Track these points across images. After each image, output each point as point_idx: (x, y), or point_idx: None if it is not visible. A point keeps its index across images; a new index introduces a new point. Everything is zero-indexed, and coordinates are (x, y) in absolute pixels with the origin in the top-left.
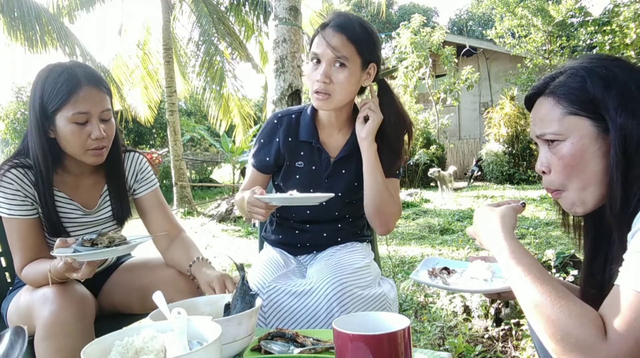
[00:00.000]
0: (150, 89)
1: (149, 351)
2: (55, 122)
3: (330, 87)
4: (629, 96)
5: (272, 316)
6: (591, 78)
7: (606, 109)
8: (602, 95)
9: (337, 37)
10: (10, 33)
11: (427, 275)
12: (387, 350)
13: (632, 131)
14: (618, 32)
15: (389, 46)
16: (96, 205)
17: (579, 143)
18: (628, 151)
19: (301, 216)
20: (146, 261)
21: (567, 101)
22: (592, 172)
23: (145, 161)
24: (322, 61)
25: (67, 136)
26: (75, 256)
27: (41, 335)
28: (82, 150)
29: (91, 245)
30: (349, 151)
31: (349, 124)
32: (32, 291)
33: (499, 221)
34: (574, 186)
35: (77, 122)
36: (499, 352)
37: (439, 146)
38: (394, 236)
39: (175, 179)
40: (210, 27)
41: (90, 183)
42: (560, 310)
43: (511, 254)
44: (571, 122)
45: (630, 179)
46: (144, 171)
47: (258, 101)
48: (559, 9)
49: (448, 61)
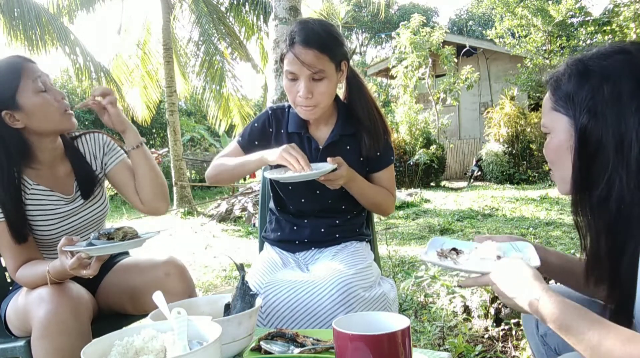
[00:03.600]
0: (149, 89)
1: (149, 351)
2: (19, 104)
3: (314, 100)
4: (600, 97)
5: (271, 314)
6: (569, 75)
7: (573, 108)
8: (573, 93)
9: (309, 53)
10: (10, 33)
11: (436, 255)
12: (387, 350)
13: (591, 132)
14: (618, 32)
15: (389, 46)
16: (73, 192)
17: (557, 138)
18: (588, 153)
19: (297, 206)
20: (136, 263)
21: (553, 96)
22: (568, 167)
23: (104, 136)
24: (299, 78)
25: (40, 107)
26: (92, 250)
27: (38, 335)
28: (58, 115)
29: (107, 238)
30: (335, 137)
31: (333, 116)
32: (28, 292)
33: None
34: (557, 174)
35: (40, 91)
36: (499, 352)
37: (439, 146)
38: (394, 236)
39: (175, 179)
40: (210, 27)
41: (63, 171)
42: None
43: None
44: (554, 117)
45: (591, 181)
46: (109, 144)
47: (258, 101)
48: (559, 9)
49: (448, 60)
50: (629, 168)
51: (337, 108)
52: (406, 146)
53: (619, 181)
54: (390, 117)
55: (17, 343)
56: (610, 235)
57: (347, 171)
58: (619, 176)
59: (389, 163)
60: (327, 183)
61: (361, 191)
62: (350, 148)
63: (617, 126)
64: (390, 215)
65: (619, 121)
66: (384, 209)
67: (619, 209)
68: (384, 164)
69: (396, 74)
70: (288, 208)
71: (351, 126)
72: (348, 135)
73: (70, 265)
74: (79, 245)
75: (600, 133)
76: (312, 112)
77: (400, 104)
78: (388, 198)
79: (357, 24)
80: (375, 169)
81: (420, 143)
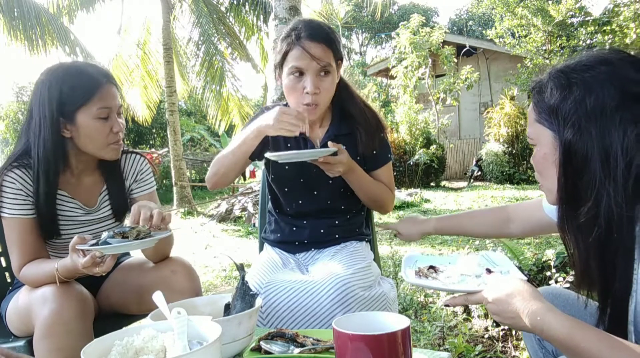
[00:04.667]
0: (149, 89)
1: (149, 351)
2: (76, 121)
3: (319, 97)
4: (583, 111)
5: (270, 315)
6: (551, 87)
7: (557, 122)
8: (556, 107)
9: (318, 46)
10: (10, 33)
11: (414, 276)
12: (387, 350)
13: (575, 147)
14: (618, 32)
15: (389, 46)
16: (96, 203)
17: (541, 151)
18: (573, 168)
19: (295, 207)
20: (142, 262)
21: (536, 108)
22: (554, 179)
23: (145, 162)
24: (306, 73)
25: (92, 132)
26: (108, 248)
27: (40, 335)
28: (104, 145)
29: (122, 237)
30: (330, 137)
31: (327, 118)
32: (31, 291)
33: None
34: (544, 184)
35: (100, 118)
36: (499, 352)
37: (439, 146)
38: (395, 236)
39: (175, 179)
40: (210, 27)
41: (91, 182)
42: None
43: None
44: (538, 130)
45: (578, 197)
46: (144, 172)
47: (258, 101)
48: (559, 9)
49: (448, 60)
50: (616, 182)
51: (331, 109)
52: (406, 146)
53: (606, 196)
54: (390, 117)
55: (17, 343)
56: (600, 251)
57: (348, 159)
58: (607, 191)
59: (386, 160)
60: (326, 167)
61: (360, 183)
62: (346, 147)
63: (601, 140)
64: (390, 215)
65: (604, 134)
66: (384, 205)
67: (608, 225)
68: (381, 162)
69: (396, 74)
70: (285, 210)
71: (346, 126)
72: (343, 135)
73: (83, 263)
74: (90, 243)
75: (585, 148)
76: (314, 112)
77: (400, 104)
78: (387, 194)
79: (357, 24)
80: (373, 168)
81: (420, 143)
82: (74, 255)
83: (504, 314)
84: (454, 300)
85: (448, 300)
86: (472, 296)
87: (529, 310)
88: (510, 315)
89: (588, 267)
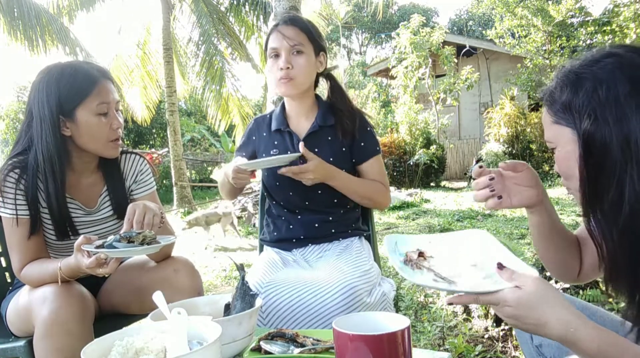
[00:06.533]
0: (149, 89)
1: (149, 351)
2: (76, 118)
3: (292, 72)
4: (596, 101)
5: (271, 315)
6: (562, 86)
7: (573, 116)
8: (570, 102)
9: (290, 29)
10: (10, 33)
11: (400, 262)
12: (387, 350)
13: (594, 137)
14: (618, 32)
15: (389, 46)
16: (96, 204)
17: (563, 150)
18: (594, 157)
19: (287, 199)
20: (144, 262)
21: (551, 110)
22: (578, 177)
23: (145, 163)
24: (280, 53)
25: (92, 129)
26: (114, 252)
27: (40, 335)
28: (104, 142)
29: (127, 242)
30: (315, 128)
31: (313, 111)
32: (31, 291)
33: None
34: (572, 186)
35: (100, 114)
36: (499, 352)
37: (439, 146)
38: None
39: (175, 179)
40: (210, 27)
41: (90, 182)
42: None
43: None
44: (556, 131)
45: (601, 186)
46: (144, 173)
47: (258, 101)
48: (559, 9)
49: (448, 61)
50: (638, 166)
51: (318, 104)
52: (406, 146)
53: (629, 180)
54: (390, 118)
55: (17, 343)
56: (627, 238)
57: (319, 168)
58: (629, 175)
59: (375, 152)
60: (296, 177)
61: (347, 187)
62: (332, 138)
63: (619, 127)
64: (390, 215)
65: (621, 121)
66: (378, 202)
67: (632, 210)
68: (370, 154)
69: (396, 74)
70: (280, 203)
71: (331, 117)
72: (329, 126)
73: (88, 264)
74: (96, 243)
75: (603, 136)
76: (289, 84)
77: (400, 104)
78: (380, 191)
79: (357, 24)
80: (362, 160)
81: (420, 143)
82: (78, 254)
83: (526, 320)
84: (461, 299)
85: (452, 298)
86: (485, 296)
87: (556, 316)
88: (533, 321)
89: (615, 257)
